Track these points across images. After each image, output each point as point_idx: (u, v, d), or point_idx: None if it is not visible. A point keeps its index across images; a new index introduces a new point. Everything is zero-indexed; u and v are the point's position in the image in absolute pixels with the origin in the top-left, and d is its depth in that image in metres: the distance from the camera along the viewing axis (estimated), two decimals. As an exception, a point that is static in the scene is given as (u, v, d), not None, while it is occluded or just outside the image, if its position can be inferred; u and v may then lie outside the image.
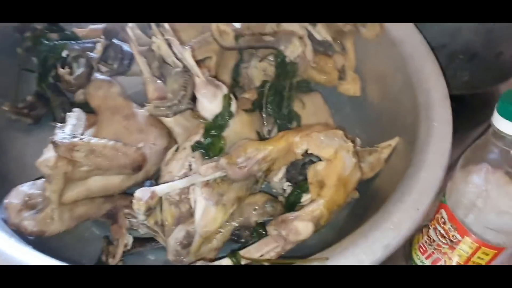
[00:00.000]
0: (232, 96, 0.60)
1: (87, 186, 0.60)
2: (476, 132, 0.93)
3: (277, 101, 0.70)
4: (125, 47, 0.74)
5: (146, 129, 0.65)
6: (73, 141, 0.56)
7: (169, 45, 0.61)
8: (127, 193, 0.66)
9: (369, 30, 0.74)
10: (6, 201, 0.57)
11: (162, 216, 0.63)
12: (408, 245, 0.67)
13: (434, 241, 0.60)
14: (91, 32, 0.76)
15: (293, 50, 0.65)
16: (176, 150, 0.65)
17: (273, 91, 0.70)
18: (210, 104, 0.58)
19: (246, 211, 0.64)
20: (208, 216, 0.59)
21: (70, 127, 0.59)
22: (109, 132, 0.62)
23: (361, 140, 0.69)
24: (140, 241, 0.64)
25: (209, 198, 0.57)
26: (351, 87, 0.79)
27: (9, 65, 0.73)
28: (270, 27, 0.70)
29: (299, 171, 0.67)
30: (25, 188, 0.59)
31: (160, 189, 0.56)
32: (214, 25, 0.66)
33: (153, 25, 0.59)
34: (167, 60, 0.63)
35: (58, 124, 0.61)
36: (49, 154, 0.57)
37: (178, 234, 0.61)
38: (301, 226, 0.55)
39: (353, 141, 0.58)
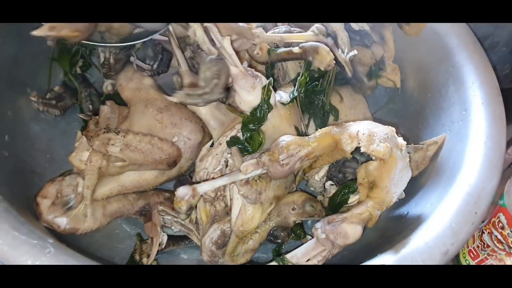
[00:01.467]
0: (271, 88, 0.56)
1: (120, 182, 0.57)
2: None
3: (313, 94, 0.67)
4: (165, 46, 0.71)
5: (180, 123, 0.61)
6: (108, 135, 0.53)
7: (206, 32, 0.58)
8: (160, 189, 0.64)
9: (413, 27, 0.70)
10: (37, 198, 0.54)
11: (197, 214, 0.61)
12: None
13: (488, 246, 0.56)
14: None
15: (321, 60, 0.62)
16: (211, 146, 0.62)
17: (309, 83, 0.66)
18: (248, 96, 0.55)
19: (284, 210, 0.61)
20: (245, 215, 0.56)
21: (103, 120, 0.56)
22: (142, 125, 0.59)
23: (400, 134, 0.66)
24: (173, 239, 0.62)
25: (247, 196, 0.54)
26: (390, 78, 0.75)
27: (38, 55, 0.70)
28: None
29: (339, 169, 0.64)
30: (56, 184, 0.56)
31: (202, 187, 0.53)
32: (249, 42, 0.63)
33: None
34: (202, 47, 0.59)
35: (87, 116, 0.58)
36: (82, 148, 0.54)
37: (213, 233, 0.58)
38: (349, 230, 0.52)
39: (404, 139, 0.55)
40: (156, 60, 0.71)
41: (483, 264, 0.58)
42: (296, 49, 0.60)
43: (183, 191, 0.51)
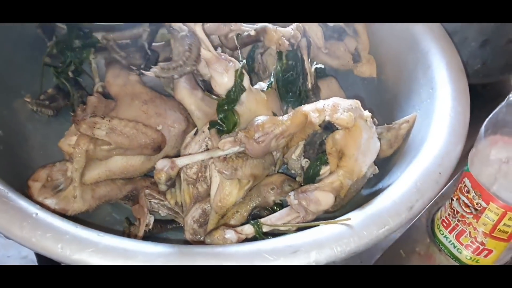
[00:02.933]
0: (244, 71, 0.60)
1: (108, 167, 0.61)
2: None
3: (290, 84, 0.71)
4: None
5: (165, 113, 0.66)
6: (94, 119, 0.57)
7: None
8: (147, 175, 0.67)
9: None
10: (29, 181, 0.58)
11: (181, 197, 0.64)
12: (431, 222, 0.67)
13: (457, 212, 0.59)
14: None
15: (270, 39, 0.66)
16: (195, 134, 0.66)
17: (284, 74, 0.70)
18: (222, 78, 0.58)
19: (264, 191, 0.63)
20: (223, 190, 0.59)
21: (91, 108, 0.60)
22: (128, 116, 0.63)
23: (378, 122, 0.69)
24: (160, 223, 0.65)
25: (223, 172, 0.57)
26: (366, 68, 0.79)
27: (31, 59, 0.75)
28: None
29: (316, 150, 0.67)
30: (47, 169, 0.59)
31: (180, 160, 0.57)
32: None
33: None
34: (173, 26, 0.63)
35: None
36: (70, 133, 0.58)
37: (195, 212, 0.61)
38: (321, 197, 0.54)
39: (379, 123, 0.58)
40: (144, 61, 0.75)
41: (454, 230, 0.60)
42: (252, 32, 0.65)
43: (162, 163, 0.55)
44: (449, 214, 0.61)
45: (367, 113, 0.57)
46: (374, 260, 0.67)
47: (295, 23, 0.70)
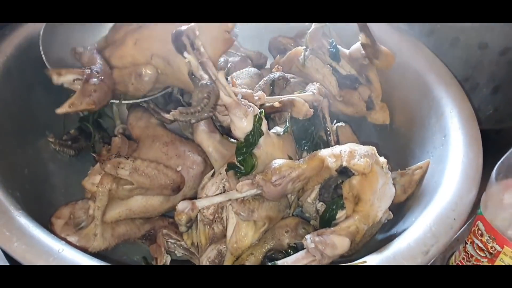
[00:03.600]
0: (262, 116, 0.63)
1: (128, 206, 0.63)
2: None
3: (305, 130, 0.73)
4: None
5: (184, 154, 0.68)
6: (118, 159, 0.59)
7: (202, 65, 0.64)
8: (165, 215, 0.68)
9: (381, 61, 0.78)
10: (52, 218, 0.60)
11: (197, 238, 0.65)
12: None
13: (472, 256, 0.59)
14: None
15: (298, 112, 0.69)
16: (212, 176, 0.68)
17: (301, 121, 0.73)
18: (241, 122, 0.61)
19: (278, 233, 0.64)
20: (239, 232, 0.60)
21: (115, 148, 0.62)
22: (150, 157, 0.65)
23: (391, 167, 0.70)
24: (176, 263, 0.65)
25: (240, 213, 0.59)
26: (380, 115, 0.81)
27: (57, 101, 0.78)
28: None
29: (331, 194, 0.68)
30: (69, 207, 0.61)
31: (200, 202, 0.58)
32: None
33: (188, 47, 0.62)
34: (195, 73, 0.65)
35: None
36: (94, 173, 0.60)
37: (211, 253, 0.62)
38: (338, 241, 0.55)
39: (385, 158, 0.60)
40: (165, 106, 0.79)
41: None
42: (276, 104, 0.68)
43: (183, 205, 0.57)
44: (463, 258, 0.61)
45: (382, 159, 0.59)
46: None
47: (317, 85, 0.74)
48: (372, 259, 0.49)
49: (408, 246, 0.51)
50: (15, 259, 0.46)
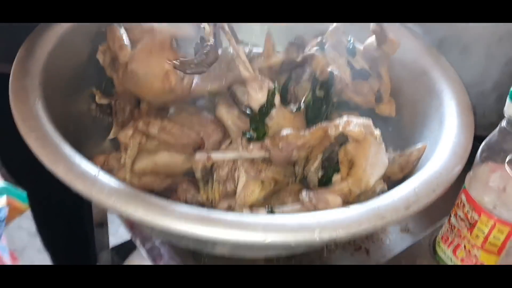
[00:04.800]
0: (276, 91, 0.71)
1: (154, 160, 0.72)
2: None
3: (316, 113, 0.82)
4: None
5: (206, 124, 0.77)
6: (149, 119, 0.69)
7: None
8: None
9: (387, 46, 0.85)
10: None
11: (212, 194, 0.74)
12: (433, 242, 0.73)
13: (454, 227, 0.65)
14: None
15: (316, 65, 0.78)
16: (229, 144, 0.77)
17: (313, 104, 0.81)
18: (257, 94, 0.70)
19: (283, 196, 0.73)
20: (247, 188, 0.69)
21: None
22: (177, 122, 0.75)
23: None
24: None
25: (248, 171, 0.67)
26: (387, 108, 0.89)
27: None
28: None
29: (333, 166, 0.76)
30: (104, 156, 0.71)
31: (215, 154, 0.68)
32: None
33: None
34: (206, 37, 0.73)
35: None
36: (128, 128, 0.70)
37: (222, 206, 0.71)
38: (330, 198, 0.63)
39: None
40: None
41: (452, 245, 0.66)
42: (298, 58, 0.80)
43: (200, 154, 0.66)
44: (447, 230, 0.67)
45: (377, 131, 0.66)
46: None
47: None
48: (355, 208, 0.57)
49: (392, 201, 0.58)
50: (60, 179, 0.56)
